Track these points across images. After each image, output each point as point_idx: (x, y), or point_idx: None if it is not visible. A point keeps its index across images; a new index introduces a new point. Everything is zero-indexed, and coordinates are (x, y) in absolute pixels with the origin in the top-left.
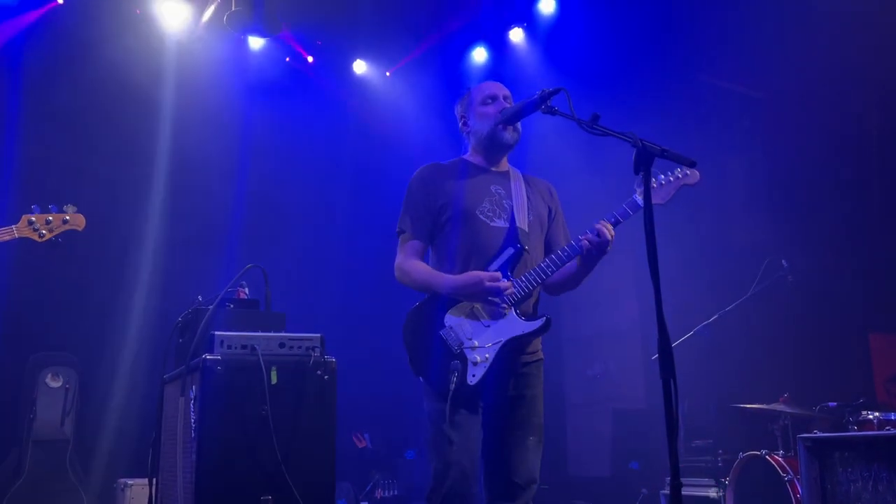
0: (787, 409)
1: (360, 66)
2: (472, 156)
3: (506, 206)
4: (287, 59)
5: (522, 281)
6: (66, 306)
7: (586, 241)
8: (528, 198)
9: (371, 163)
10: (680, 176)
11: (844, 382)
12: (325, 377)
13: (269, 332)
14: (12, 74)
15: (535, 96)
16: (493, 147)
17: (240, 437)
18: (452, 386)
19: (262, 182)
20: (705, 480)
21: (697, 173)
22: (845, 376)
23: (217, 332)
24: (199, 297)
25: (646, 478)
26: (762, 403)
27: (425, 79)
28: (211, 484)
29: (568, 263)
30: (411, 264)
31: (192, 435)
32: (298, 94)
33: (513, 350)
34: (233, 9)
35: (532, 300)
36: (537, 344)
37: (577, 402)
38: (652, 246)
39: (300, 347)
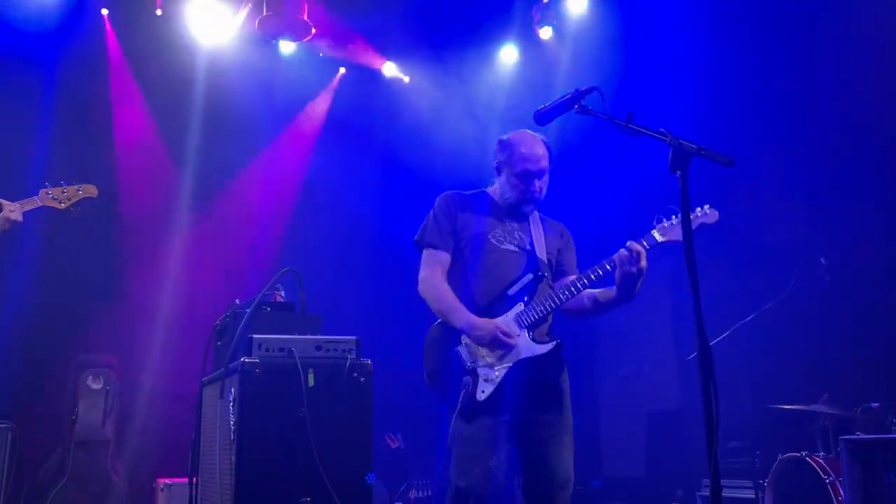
0: (828, 410)
1: (389, 69)
2: (495, 194)
3: (517, 236)
4: (342, 69)
5: (538, 305)
6: (106, 311)
7: (617, 259)
8: (545, 237)
9: (401, 164)
10: (699, 215)
11: (887, 382)
12: (362, 379)
13: (306, 334)
14: (46, 77)
15: (569, 95)
16: (513, 212)
17: (278, 438)
18: (462, 399)
19: (294, 185)
20: (743, 482)
21: (717, 213)
22: (888, 376)
23: (255, 336)
24: (237, 301)
25: (681, 479)
26: (801, 404)
27: (455, 79)
28: (251, 485)
29: (584, 292)
30: (443, 287)
31: (232, 437)
32: (328, 96)
33: (524, 370)
34: (264, 13)
35: (547, 324)
36: (554, 344)
37: (611, 403)
38: (689, 246)
39: (336, 350)
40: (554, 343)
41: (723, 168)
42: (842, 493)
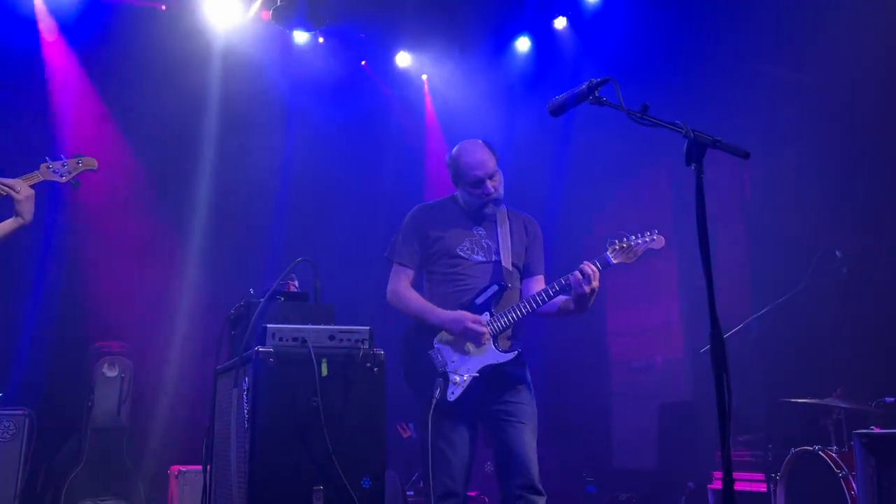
0: (842, 404)
1: (403, 59)
2: (461, 199)
3: (484, 245)
4: (364, 62)
5: (502, 317)
6: (121, 299)
7: (572, 279)
8: (511, 236)
9: (414, 154)
10: (648, 240)
11: None
12: (375, 369)
13: (319, 324)
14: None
15: (583, 87)
16: (478, 216)
17: (291, 427)
18: (434, 399)
19: (308, 176)
20: (755, 475)
21: (663, 239)
22: None
23: (269, 325)
24: (251, 290)
25: (693, 471)
26: (815, 398)
27: (469, 70)
28: (264, 473)
29: (550, 301)
30: (408, 294)
31: (246, 425)
32: (343, 87)
33: (489, 375)
34: (278, 4)
35: (509, 332)
36: (518, 346)
37: (622, 395)
38: (704, 238)
39: (349, 340)
40: (515, 353)
41: (738, 160)
42: (855, 487)
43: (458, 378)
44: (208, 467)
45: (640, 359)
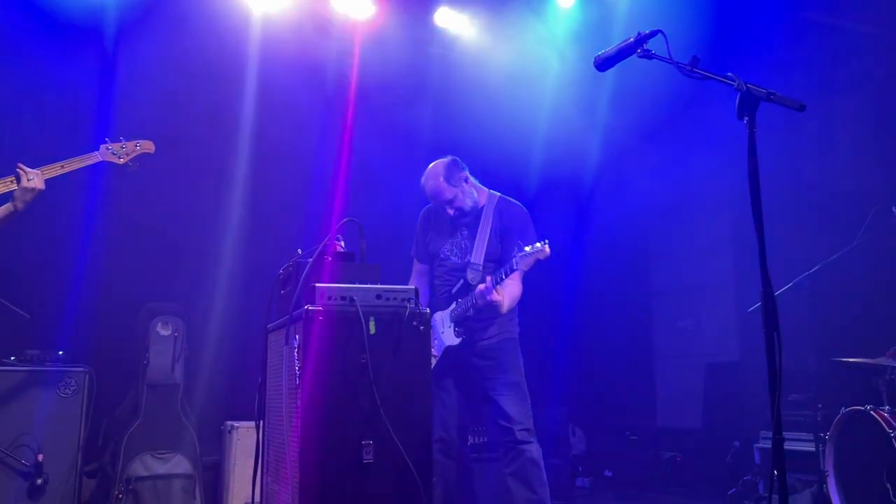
0: (894, 364)
1: (442, 15)
2: None
3: (463, 245)
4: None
5: (460, 307)
6: (174, 259)
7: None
8: (490, 234)
9: (454, 114)
10: (535, 251)
11: None
12: (421, 328)
13: (365, 283)
14: (105, 42)
15: (631, 40)
16: (463, 220)
17: (341, 383)
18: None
19: (354, 138)
20: (804, 435)
21: (548, 249)
22: None
23: (318, 284)
24: (299, 251)
25: (739, 431)
26: (867, 357)
27: (510, 25)
28: (316, 428)
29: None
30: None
31: (296, 381)
32: (380, 45)
33: (451, 353)
34: None
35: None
36: (493, 331)
37: (667, 354)
38: (756, 195)
39: (396, 299)
40: (461, 339)
41: (790, 114)
42: None
43: (435, 352)
44: (261, 422)
45: (684, 318)
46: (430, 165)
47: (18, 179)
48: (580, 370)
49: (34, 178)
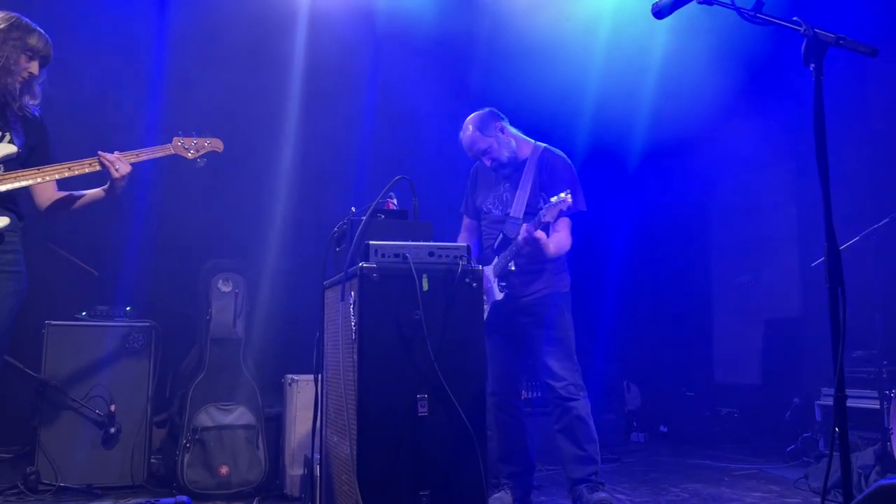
0: None
1: None
2: None
3: (504, 199)
4: None
5: (501, 260)
6: (234, 218)
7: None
8: (532, 185)
9: (501, 76)
10: (559, 201)
11: None
12: (474, 284)
13: (418, 240)
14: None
15: None
16: (504, 172)
17: (396, 338)
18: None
19: (398, 97)
20: (867, 392)
21: (570, 199)
22: None
23: (371, 242)
24: (353, 209)
25: (799, 387)
26: None
27: None
28: (372, 381)
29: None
30: (459, 239)
31: (353, 336)
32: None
33: (499, 308)
34: None
35: (512, 268)
36: (539, 285)
37: (726, 310)
38: (822, 144)
39: (448, 256)
40: (504, 294)
41: (857, 60)
42: None
43: (486, 308)
44: (319, 376)
45: (744, 273)
46: (468, 118)
47: (103, 166)
48: (636, 326)
49: (121, 167)
